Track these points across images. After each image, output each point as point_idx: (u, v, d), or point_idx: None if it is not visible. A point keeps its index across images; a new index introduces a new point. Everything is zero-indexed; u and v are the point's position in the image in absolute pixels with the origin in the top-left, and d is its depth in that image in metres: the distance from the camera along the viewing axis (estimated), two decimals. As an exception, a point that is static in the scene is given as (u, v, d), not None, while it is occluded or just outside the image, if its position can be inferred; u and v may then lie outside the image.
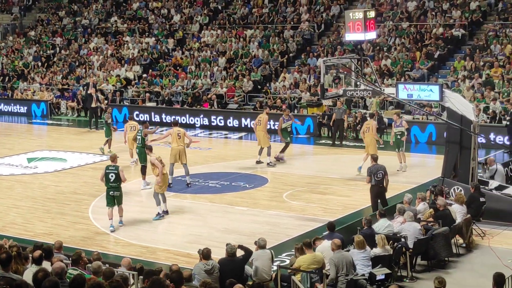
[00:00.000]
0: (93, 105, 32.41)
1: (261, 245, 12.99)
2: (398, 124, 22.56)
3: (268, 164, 23.49)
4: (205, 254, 12.47)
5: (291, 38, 36.03)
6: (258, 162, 23.68)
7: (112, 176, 17.40)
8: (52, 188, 21.87)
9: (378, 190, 17.51)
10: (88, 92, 34.20)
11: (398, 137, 22.44)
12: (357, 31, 18.18)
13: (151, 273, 10.54)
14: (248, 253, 12.96)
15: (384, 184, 17.56)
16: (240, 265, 12.77)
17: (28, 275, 9.39)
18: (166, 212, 18.45)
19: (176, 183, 21.48)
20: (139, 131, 22.16)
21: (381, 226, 14.60)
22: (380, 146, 22.94)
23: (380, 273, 12.25)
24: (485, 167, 19.46)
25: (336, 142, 26.87)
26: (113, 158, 18.00)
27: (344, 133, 27.36)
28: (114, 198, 17.55)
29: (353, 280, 12.39)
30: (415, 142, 26.82)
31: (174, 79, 35.68)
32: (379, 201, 17.50)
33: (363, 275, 12.59)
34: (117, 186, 17.50)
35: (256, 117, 24.40)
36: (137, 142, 21.95)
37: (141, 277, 11.13)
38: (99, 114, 32.60)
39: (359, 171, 21.75)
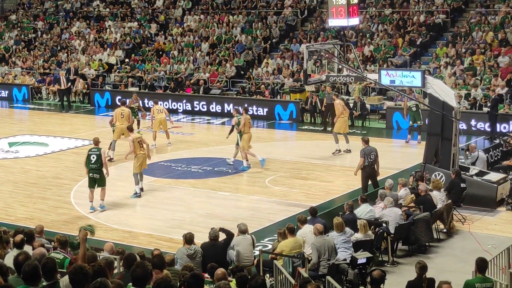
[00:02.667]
0: (62, 87, 32.74)
1: (242, 230, 13.02)
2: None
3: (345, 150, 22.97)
4: (188, 239, 12.50)
5: (274, 24, 35.95)
6: (347, 151, 22.91)
7: (93, 157, 17.50)
8: (34, 172, 21.75)
9: (370, 171, 17.77)
10: (71, 77, 34.23)
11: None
12: (340, 17, 18.18)
13: (131, 257, 10.51)
14: (229, 236, 13.00)
15: (376, 166, 17.81)
16: (222, 249, 12.82)
17: (9, 259, 9.36)
18: (141, 190, 18.92)
19: (158, 168, 21.54)
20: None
21: (363, 211, 14.70)
22: None
23: (361, 256, 12.32)
24: (467, 153, 19.60)
25: (328, 128, 26.11)
26: (96, 142, 18.10)
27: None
28: (94, 180, 17.61)
29: (334, 265, 12.46)
30: (397, 128, 26.91)
31: (157, 64, 35.53)
32: (370, 182, 17.75)
33: (345, 259, 12.66)
34: (97, 168, 17.51)
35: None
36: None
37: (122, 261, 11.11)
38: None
39: None
